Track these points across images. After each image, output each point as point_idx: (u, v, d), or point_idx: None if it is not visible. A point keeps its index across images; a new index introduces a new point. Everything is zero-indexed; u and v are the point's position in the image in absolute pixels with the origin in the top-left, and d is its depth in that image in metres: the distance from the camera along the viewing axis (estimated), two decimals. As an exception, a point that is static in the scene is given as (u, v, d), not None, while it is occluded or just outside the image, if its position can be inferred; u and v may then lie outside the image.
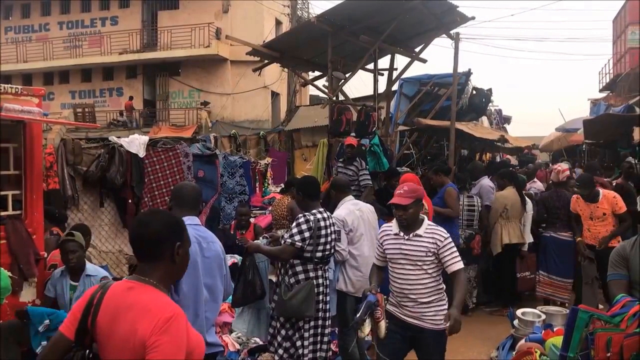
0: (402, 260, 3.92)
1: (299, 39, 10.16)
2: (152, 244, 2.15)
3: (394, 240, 3.97)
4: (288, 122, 19.40)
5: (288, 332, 4.34)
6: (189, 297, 3.06)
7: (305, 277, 4.32)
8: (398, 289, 3.99)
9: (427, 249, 3.88)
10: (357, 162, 8.11)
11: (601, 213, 6.50)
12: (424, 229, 3.93)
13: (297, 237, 4.27)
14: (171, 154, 7.79)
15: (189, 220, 3.21)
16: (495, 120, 23.74)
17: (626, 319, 2.87)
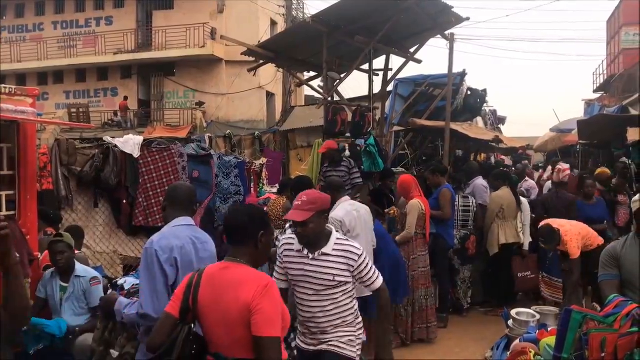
0: (305, 284, 3.35)
1: (294, 39, 10.16)
2: (240, 231, 2.58)
3: (296, 259, 3.38)
4: (283, 122, 19.37)
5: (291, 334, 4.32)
6: None
7: None
8: (301, 316, 3.43)
9: (336, 273, 3.27)
10: (347, 162, 8.10)
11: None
12: (333, 246, 3.31)
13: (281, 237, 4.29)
14: (166, 154, 7.77)
15: (183, 220, 3.21)
16: (490, 120, 23.80)
17: (619, 319, 2.89)
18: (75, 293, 4.62)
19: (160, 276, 2.97)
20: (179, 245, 3.06)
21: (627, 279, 3.52)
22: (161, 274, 2.97)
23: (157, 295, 2.95)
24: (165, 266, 2.98)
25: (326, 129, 9.51)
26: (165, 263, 2.98)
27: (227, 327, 2.42)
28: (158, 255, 2.98)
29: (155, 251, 2.99)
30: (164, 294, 2.96)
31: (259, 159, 13.52)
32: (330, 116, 9.29)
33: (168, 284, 2.99)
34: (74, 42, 24.59)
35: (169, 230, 3.17)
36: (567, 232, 5.92)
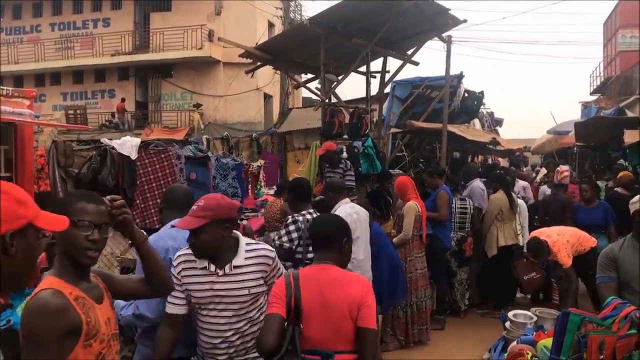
0: (216, 305, 2.85)
1: (292, 41, 10.17)
2: (326, 238, 2.79)
3: (202, 278, 2.85)
4: (281, 124, 19.40)
5: None
6: None
7: None
8: (207, 343, 2.89)
9: (251, 285, 2.85)
10: (343, 164, 8.12)
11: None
12: (244, 255, 2.88)
13: (284, 238, 4.29)
14: (163, 156, 7.77)
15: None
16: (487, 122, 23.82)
17: (617, 321, 2.89)
18: None
19: None
20: (174, 246, 3.06)
21: (625, 281, 3.53)
22: None
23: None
24: None
25: (324, 130, 9.52)
26: None
27: (333, 322, 2.57)
28: None
29: None
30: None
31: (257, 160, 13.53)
32: (328, 118, 9.30)
33: None
34: (71, 43, 24.56)
35: (165, 232, 3.17)
36: (555, 243, 5.89)
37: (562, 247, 5.84)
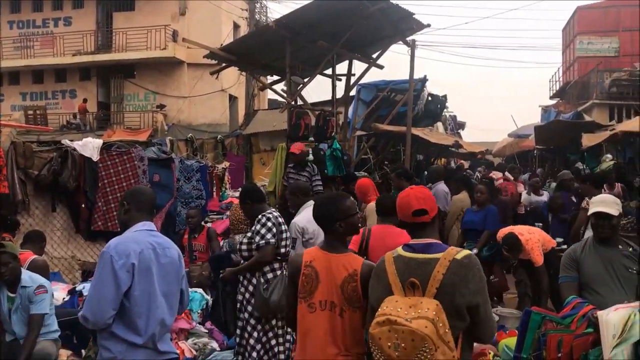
0: None
1: (257, 43, 10.14)
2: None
3: None
4: (246, 126, 19.30)
5: (259, 333, 4.27)
6: (142, 304, 2.99)
7: (273, 275, 4.31)
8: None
9: None
10: (310, 168, 8.13)
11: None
12: None
13: (268, 235, 4.26)
14: (126, 157, 7.66)
15: (144, 225, 3.16)
16: (450, 126, 24.21)
17: (576, 320, 2.97)
18: (22, 303, 4.47)
19: (111, 282, 2.90)
20: (137, 250, 3.00)
21: (585, 281, 3.63)
22: (112, 280, 2.90)
23: (101, 301, 2.90)
24: (120, 272, 2.91)
25: (290, 133, 9.52)
26: (120, 269, 2.92)
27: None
28: (113, 260, 2.92)
29: (111, 256, 2.93)
30: (110, 300, 2.89)
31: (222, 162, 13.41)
32: (294, 120, 9.30)
33: (120, 290, 2.92)
34: (30, 42, 23.95)
35: (129, 235, 3.12)
36: (528, 241, 6.01)
37: (535, 246, 5.99)
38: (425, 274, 2.45)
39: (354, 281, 2.85)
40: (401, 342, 2.25)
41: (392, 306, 2.36)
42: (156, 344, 3.05)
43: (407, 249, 2.60)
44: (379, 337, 2.29)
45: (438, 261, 2.46)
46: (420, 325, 2.23)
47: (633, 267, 3.57)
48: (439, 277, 2.42)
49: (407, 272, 2.48)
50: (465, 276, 2.42)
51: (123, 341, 2.96)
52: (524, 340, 3.10)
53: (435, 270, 2.44)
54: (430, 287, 2.41)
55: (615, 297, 3.42)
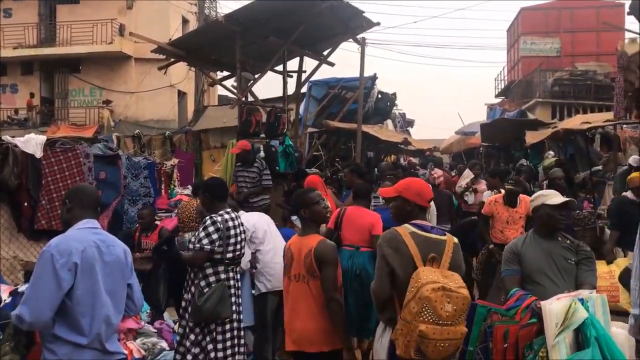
0: None
1: (207, 38, 10.03)
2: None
3: None
4: (195, 122, 19.03)
5: (198, 337, 4.24)
6: (85, 303, 2.94)
7: (216, 279, 4.24)
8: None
9: None
10: (259, 164, 8.08)
11: (518, 217, 6.64)
12: None
13: (205, 240, 4.19)
14: (70, 154, 7.43)
15: (88, 223, 3.11)
16: (399, 123, 24.50)
17: (520, 311, 3.07)
18: None
19: (51, 281, 2.83)
20: (79, 248, 2.94)
21: (527, 274, 3.75)
22: (53, 279, 2.83)
23: (39, 301, 2.83)
24: (61, 271, 2.85)
25: (240, 129, 9.45)
26: (61, 268, 2.85)
27: (360, 232, 5.01)
28: (54, 259, 2.85)
29: (52, 255, 2.87)
30: (49, 300, 2.83)
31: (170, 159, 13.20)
32: (245, 116, 9.24)
33: (61, 290, 2.85)
34: (-33, 34, 22.95)
35: (71, 233, 3.05)
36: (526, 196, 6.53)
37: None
38: (440, 251, 3.12)
39: (310, 256, 3.66)
40: (454, 305, 2.84)
41: (435, 276, 2.93)
42: (103, 344, 2.99)
43: (418, 228, 3.21)
44: (435, 300, 2.82)
45: (446, 242, 3.19)
46: (466, 293, 2.92)
47: (572, 258, 3.71)
48: (449, 254, 3.14)
49: (426, 248, 3.11)
50: (459, 253, 3.24)
51: (68, 343, 2.90)
52: (470, 333, 3.17)
53: (446, 248, 3.15)
54: (444, 261, 3.10)
55: (557, 287, 3.55)
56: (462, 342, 2.94)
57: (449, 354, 2.90)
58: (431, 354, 2.85)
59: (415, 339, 2.85)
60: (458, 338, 2.88)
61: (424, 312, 2.83)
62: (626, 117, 9.83)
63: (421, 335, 2.82)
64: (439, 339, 2.82)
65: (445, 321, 2.82)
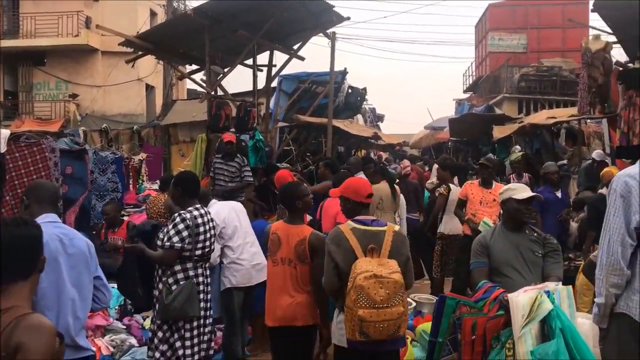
0: None
1: (175, 31, 9.90)
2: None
3: None
4: (164, 116, 18.84)
5: (165, 334, 4.19)
6: (50, 297, 2.93)
7: (185, 276, 4.20)
8: None
9: None
10: (239, 159, 8.08)
11: (492, 199, 6.68)
12: None
13: (175, 238, 4.13)
14: (36, 149, 7.27)
15: (47, 217, 3.10)
16: (370, 118, 24.62)
17: (488, 303, 3.12)
18: None
19: None
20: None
21: (495, 266, 3.82)
22: None
23: None
24: None
25: (210, 123, 9.38)
26: None
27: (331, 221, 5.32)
28: None
29: None
30: None
31: (138, 154, 13.06)
32: (214, 110, 9.17)
33: None
34: None
35: None
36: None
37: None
38: (379, 241, 3.46)
39: (303, 244, 3.97)
40: (386, 290, 3.21)
41: (369, 265, 3.29)
42: (74, 339, 2.98)
43: (359, 223, 3.57)
44: (368, 287, 3.20)
45: (386, 232, 3.51)
46: (398, 277, 3.26)
47: (539, 251, 3.79)
48: (389, 243, 3.46)
49: (366, 240, 3.46)
50: (403, 241, 3.58)
51: None
52: (439, 325, 3.22)
53: (385, 238, 3.48)
54: (384, 250, 3.43)
55: (524, 280, 3.63)
56: (402, 321, 3.27)
57: (391, 333, 3.25)
58: (373, 334, 3.23)
59: (357, 323, 3.23)
60: (395, 318, 3.23)
61: (360, 299, 3.21)
62: (590, 112, 10.03)
63: (361, 319, 3.21)
64: (377, 321, 3.21)
65: (380, 305, 3.20)
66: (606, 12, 8.34)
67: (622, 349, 2.73)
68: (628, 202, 2.73)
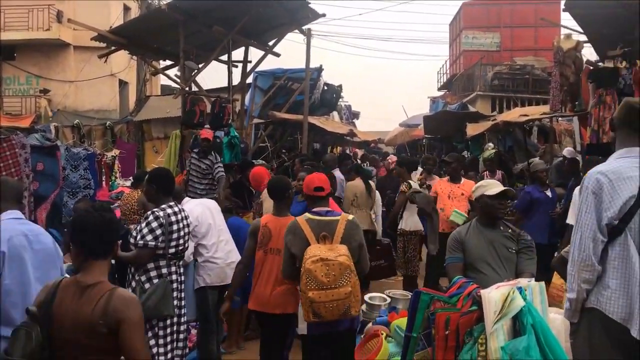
0: None
1: (149, 26, 9.78)
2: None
3: None
4: (137, 112, 18.60)
5: None
6: (16, 293, 2.90)
7: (158, 274, 4.16)
8: None
9: None
10: (212, 156, 8.06)
11: (460, 193, 6.96)
12: None
13: (148, 237, 4.08)
14: (5, 145, 7.12)
15: (11, 214, 3.09)
16: (345, 115, 24.63)
17: (462, 298, 3.15)
18: None
19: None
20: (5, 237, 2.93)
21: (470, 262, 3.87)
22: None
23: None
24: None
25: (184, 119, 9.31)
26: None
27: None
28: None
29: None
30: None
31: (111, 150, 12.89)
32: (189, 106, 9.11)
33: None
34: None
35: None
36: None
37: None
38: (332, 229, 3.83)
39: None
40: (332, 271, 3.54)
41: (318, 251, 3.64)
42: None
43: (314, 214, 3.94)
44: (314, 270, 3.53)
45: (339, 221, 3.88)
46: (344, 260, 3.59)
47: (513, 247, 3.85)
48: (341, 230, 3.82)
49: (319, 229, 3.81)
50: (355, 229, 3.94)
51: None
52: (414, 320, 3.24)
53: (338, 226, 3.85)
54: (337, 237, 3.79)
55: (498, 275, 3.68)
56: (350, 301, 3.59)
57: (342, 312, 3.58)
58: (325, 314, 3.56)
59: (309, 304, 3.55)
60: (343, 298, 3.55)
61: (309, 281, 3.53)
62: (562, 110, 10.19)
63: (311, 301, 3.53)
64: (325, 301, 3.53)
65: (327, 286, 3.52)
66: (577, 12, 8.47)
67: (593, 343, 2.79)
68: (599, 198, 2.78)
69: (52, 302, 2.38)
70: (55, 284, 2.45)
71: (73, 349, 2.34)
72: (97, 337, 2.31)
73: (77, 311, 2.35)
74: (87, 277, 2.43)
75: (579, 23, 8.98)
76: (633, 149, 2.87)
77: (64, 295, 2.40)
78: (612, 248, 2.78)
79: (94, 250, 2.48)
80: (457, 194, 6.97)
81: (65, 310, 2.36)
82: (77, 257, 2.49)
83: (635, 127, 2.89)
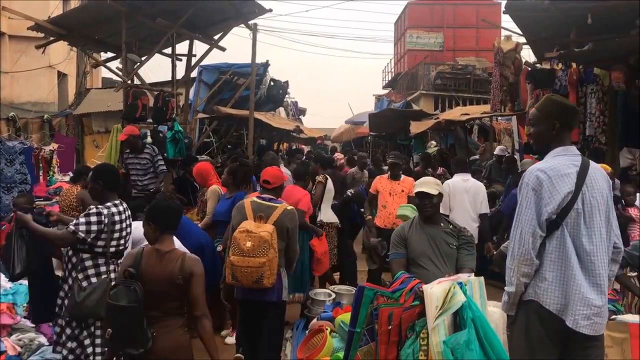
0: None
1: (90, 16, 9.48)
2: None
3: None
4: (77, 105, 18.03)
5: (75, 331, 4.01)
6: None
7: (96, 272, 4.03)
8: None
9: None
10: (150, 149, 7.87)
11: (400, 190, 7.00)
12: None
13: (82, 227, 3.94)
14: None
15: None
16: (292, 111, 24.63)
17: (404, 293, 3.20)
18: None
19: None
20: None
21: (412, 257, 3.95)
22: None
23: None
24: None
25: (126, 113, 9.07)
26: None
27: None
28: None
29: None
30: None
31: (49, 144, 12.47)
32: (130, 100, 8.89)
33: None
34: None
35: None
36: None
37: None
38: (269, 213, 4.45)
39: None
40: (252, 242, 4.17)
41: (247, 225, 4.29)
42: None
43: (259, 199, 4.58)
44: (239, 239, 4.21)
45: (277, 208, 4.50)
46: (265, 235, 4.20)
47: (453, 243, 3.95)
48: (276, 215, 4.44)
49: (258, 210, 4.47)
50: (289, 217, 4.50)
51: None
52: (358, 315, 3.27)
53: (275, 212, 4.46)
54: (271, 220, 4.39)
55: (439, 271, 3.77)
56: (264, 271, 4.14)
57: (255, 279, 4.15)
58: (240, 278, 4.19)
59: (230, 267, 4.20)
60: (257, 267, 4.14)
61: (233, 247, 4.21)
62: (501, 109, 10.48)
63: (231, 264, 4.18)
64: (242, 266, 4.15)
65: (246, 254, 4.15)
66: (517, 14, 8.71)
67: (529, 334, 2.90)
68: (539, 195, 2.88)
69: (139, 264, 3.27)
70: (139, 252, 3.34)
71: (158, 296, 3.24)
72: (175, 287, 3.25)
73: (162, 269, 3.26)
74: (164, 246, 3.36)
75: (518, 25, 9.24)
76: (569, 147, 3.00)
77: (148, 259, 3.30)
78: (549, 242, 2.89)
79: (167, 227, 3.40)
80: (398, 190, 7.08)
81: (152, 269, 3.26)
82: (154, 233, 3.36)
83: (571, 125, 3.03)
